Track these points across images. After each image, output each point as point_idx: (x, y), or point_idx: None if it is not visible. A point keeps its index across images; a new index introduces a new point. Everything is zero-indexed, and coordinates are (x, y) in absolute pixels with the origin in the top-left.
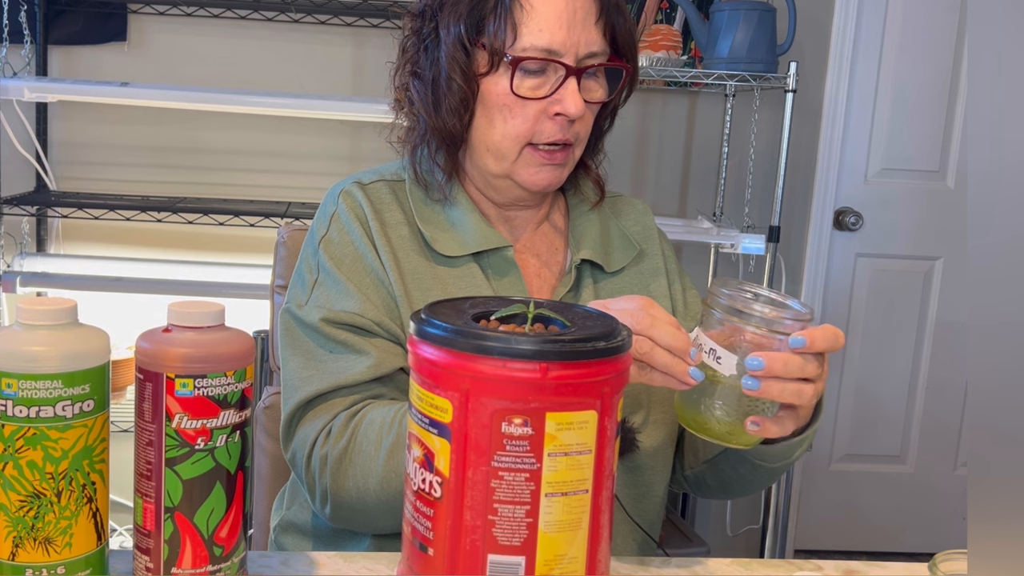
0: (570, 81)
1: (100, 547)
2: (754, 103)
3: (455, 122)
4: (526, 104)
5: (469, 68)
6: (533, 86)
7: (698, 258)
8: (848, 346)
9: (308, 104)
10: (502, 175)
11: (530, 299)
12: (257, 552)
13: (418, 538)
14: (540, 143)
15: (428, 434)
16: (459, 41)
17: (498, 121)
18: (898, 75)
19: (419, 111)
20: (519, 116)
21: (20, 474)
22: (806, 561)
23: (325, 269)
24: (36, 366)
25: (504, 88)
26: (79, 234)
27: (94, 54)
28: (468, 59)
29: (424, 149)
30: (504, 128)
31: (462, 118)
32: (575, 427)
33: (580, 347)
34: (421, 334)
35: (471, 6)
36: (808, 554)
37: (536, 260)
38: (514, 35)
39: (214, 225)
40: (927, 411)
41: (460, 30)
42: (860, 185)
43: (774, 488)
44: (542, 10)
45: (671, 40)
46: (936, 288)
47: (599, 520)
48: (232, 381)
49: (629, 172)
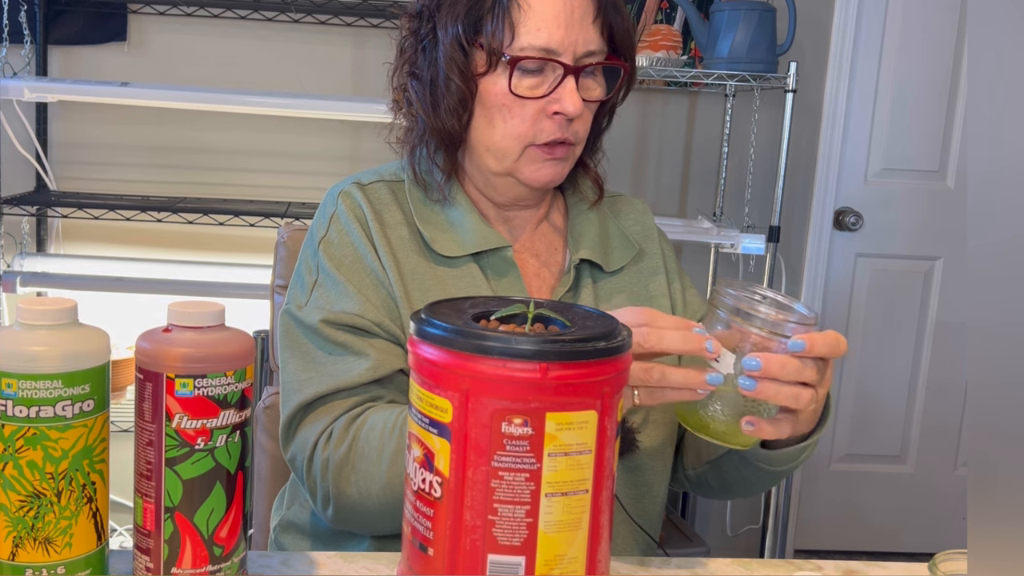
0: (568, 80)
1: (100, 547)
2: (754, 103)
3: (454, 122)
4: (525, 103)
5: (467, 68)
6: (531, 85)
7: (698, 258)
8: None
9: (308, 104)
10: (504, 173)
11: (530, 299)
12: (257, 552)
13: (418, 538)
14: (540, 143)
15: (428, 434)
16: (457, 41)
17: (497, 121)
18: (898, 75)
19: (417, 112)
20: (518, 116)
21: (20, 474)
22: (806, 561)
23: (325, 270)
24: (36, 366)
25: (502, 88)
26: (79, 234)
27: (94, 54)
28: (466, 59)
29: (423, 149)
30: (504, 128)
31: (460, 118)
32: (575, 427)
33: (580, 347)
34: (421, 334)
35: (469, 6)
36: (808, 554)
37: (535, 260)
38: (512, 35)
39: (214, 225)
40: (927, 411)
41: (458, 30)
42: (860, 185)
43: (774, 488)
44: (540, 9)
45: (671, 40)
46: (936, 288)
47: (599, 520)
48: (232, 381)
49: (629, 172)
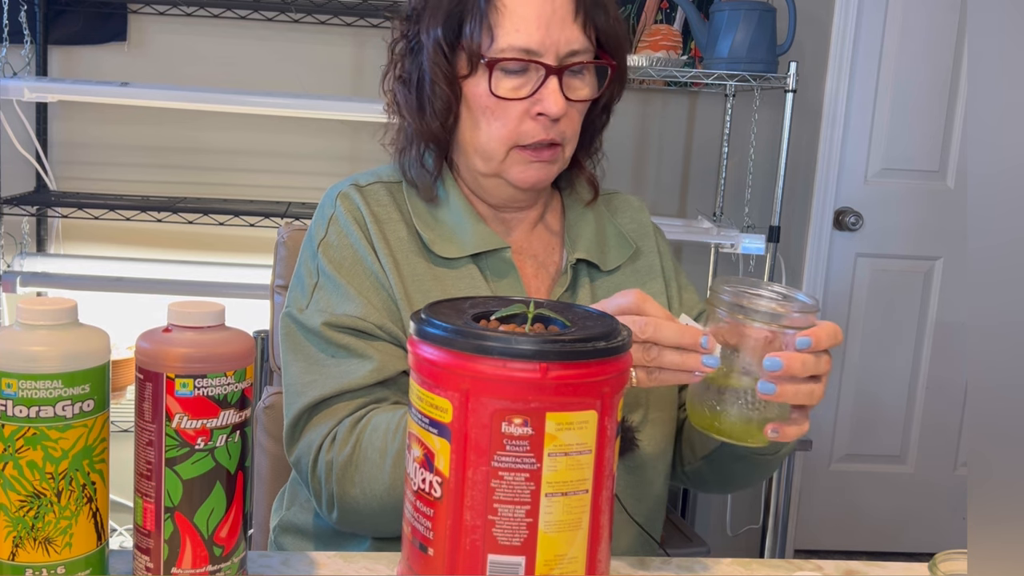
0: (551, 80)
1: (100, 547)
2: (754, 103)
3: (438, 125)
4: (508, 105)
5: (451, 72)
6: (514, 87)
7: (698, 258)
8: (848, 346)
9: (308, 104)
10: (491, 174)
11: (530, 299)
12: (257, 552)
13: (418, 538)
14: (524, 144)
15: (428, 434)
16: (439, 45)
17: (482, 123)
18: (898, 75)
19: (405, 115)
20: (502, 117)
21: (20, 474)
22: (806, 561)
23: (325, 272)
24: (36, 366)
25: (485, 90)
26: (79, 234)
27: (94, 54)
28: (449, 63)
29: (412, 151)
30: (489, 130)
31: (446, 121)
32: (575, 427)
33: (580, 347)
34: (421, 334)
35: (449, 10)
36: (808, 554)
37: (533, 261)
38: (491, 37)
39: (214, 225)
40: (927, 411)
41: (439, 34)
42: (860, 185)
43: (774, 488)
44: (518, 11)
45: (671, 40)
46: (936, 288)
47: (599, 520)
48: (232, 381)
49: (629, 172)
